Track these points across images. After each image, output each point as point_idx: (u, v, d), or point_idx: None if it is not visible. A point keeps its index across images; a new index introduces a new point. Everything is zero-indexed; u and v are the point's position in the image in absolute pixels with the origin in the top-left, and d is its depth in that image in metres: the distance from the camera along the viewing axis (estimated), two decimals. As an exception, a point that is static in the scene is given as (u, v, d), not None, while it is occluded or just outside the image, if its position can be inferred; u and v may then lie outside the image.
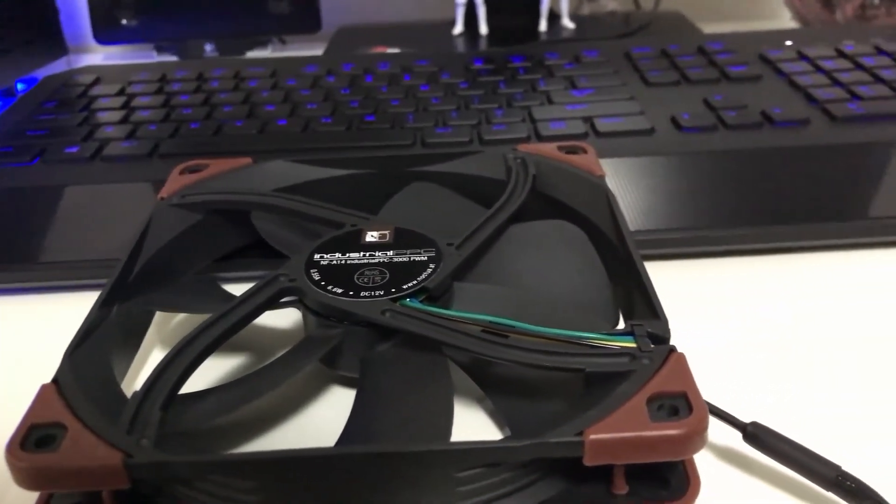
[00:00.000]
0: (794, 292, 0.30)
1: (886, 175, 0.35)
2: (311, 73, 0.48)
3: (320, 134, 0.40)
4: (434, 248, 0.26)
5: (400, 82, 0.46)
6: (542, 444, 0.19)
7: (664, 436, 0.19)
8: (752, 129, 0.38)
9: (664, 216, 0.33)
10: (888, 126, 0.38)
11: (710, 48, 0.48)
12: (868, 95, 0.41)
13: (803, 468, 0.21)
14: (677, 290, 0.30)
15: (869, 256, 0.32)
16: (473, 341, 0.23)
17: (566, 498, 0.21)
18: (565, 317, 0.24)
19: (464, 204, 0.31)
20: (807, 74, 0.44)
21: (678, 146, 0.38)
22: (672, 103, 0.41)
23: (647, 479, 0.21)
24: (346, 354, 0.25)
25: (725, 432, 0.22)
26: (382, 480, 0.20)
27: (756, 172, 0.35)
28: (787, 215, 0.32)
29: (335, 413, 0.25)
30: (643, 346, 0.21)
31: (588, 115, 0.40)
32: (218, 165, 0.32)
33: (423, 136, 0.39)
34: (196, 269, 0.30)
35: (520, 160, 0.31)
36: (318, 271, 0.25)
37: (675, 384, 0.20)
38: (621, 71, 0.46)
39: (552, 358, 0.22)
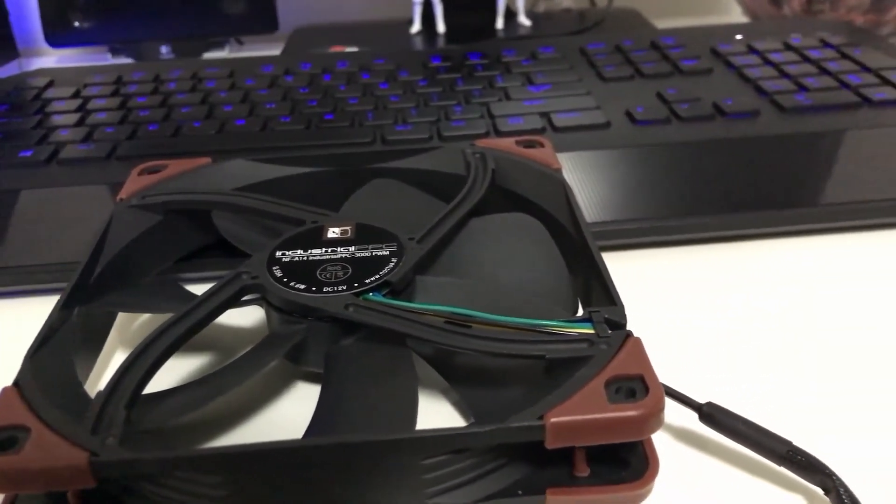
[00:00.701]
0: (747, 278, 0.31)
1: (834, 163, 0.36)
2: (268, 73, 0.48)
3: (279, 133, 0.40)
4: (395, 242, 0.27)
5: (358, 81, 0.46)
6: (504, 429, 0.19)
7: (622, 417, 0.19)
8: (704, 121, 0.39)
9: (621, 207, 0.33)
10: (834, 116, 0.39)
11: (662, 43, 0.49)
12: (815, 87, 0.42)
13: (756, 444, 0.21)
14: (635, 278, 0.31)
15: (818, 242, 0.33)
16: (436, 332, 0.23)
17: (530, 482, 0.21)
18: (525, 306, 0.24)
19: (424, 199, 0.31)
20: (756, 67, 0.45)
21: (633, 139, 0.38)
22: (627, 97, 0.42)
23: (607, 461, 0.21)
24: (310, 350, 0.25)
25: (682, 414, 0.23)
26: (349, 471, 0.20)
27: (709, 163, 0.36)
28: (739, 204, 0.33)
29: (301, 408, 0.25)
30: (601, 332, 0.22)
31: (545, 111, 0.41)
32: (177, 166, 0.32)
33: (383, 133, 0.39)
34: (158, 270, 0.30)
35: (479, 155, 0.32)
36: (281, 268, 0.26)
37: (632, 367, 0.20)
38: (577, 66, 0.47)
39: (513, 346, 0.22)
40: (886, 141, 0.37)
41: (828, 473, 0.20)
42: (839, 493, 0.20)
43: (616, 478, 0.21)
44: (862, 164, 0.35)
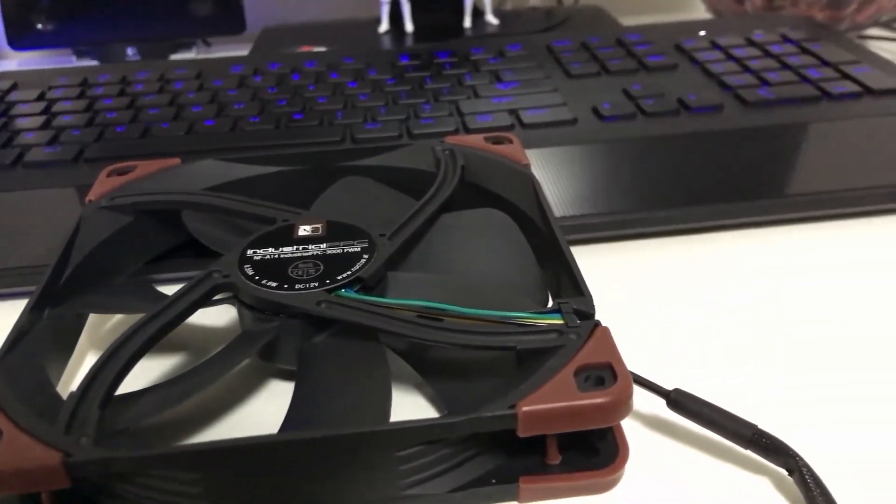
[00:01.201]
0: (713, 269, 0.31)
1: (796, 155, 0.37)
2: (237, 74, 0.48)
3: (249, 133, 0.40)
4: (367, 239, 0.27)
5: (327, 80, 0.46)
6: (477, 419, 0.20)
7: (591, 404, 0.20)
8: (669, 116, 0.40)
9: (589, 202, 0.34)
10: (796, 109, 0.40)
11: (628, 40, 0.50)
12: (776, 81, 0.43)
13: (722, 429, 0.22)
14: (603, 271, 0.31)
15: (783, 232, 0.34)
16: (409, 326, 0.23)
17: (503, 471, 0.21)
18: (496, 299, 0.25)
19: (394, 196, 0.31)
20: (719, 62, 0.46)
21: (600, 135, 0.39)
22: (593, 94, 0.43)
23: (579, 449, 0.22)
24: (283, 347, 0.25)
25: (651, 401, 0.23)
26: (324, 466, 0.20)
27: (675, 157, 0.37)
28: (704, 197, 0.34)
29: (275, 406, 0.25)
30: (570, 322, 0.22)
31: (513, 108, 0.41)
32: (146, 167, 0.32)
33: (353, 132, 0.39)
34: (128, 272, 0.30)
35: (448, 152, 0.32)
36: (252, 266, 0.26)
37: (601, 356, 0.21)
38: (544, 64, 0.47)
39: (484, 338, 0.22)
40: (846, 133, 0.38)
41: (792, 455, 0.21)
42: (802, 474, 0.20)
43: (587, 464, 0.21)
44: (823, 156, 0.36)
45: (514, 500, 0.21)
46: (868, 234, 0.33)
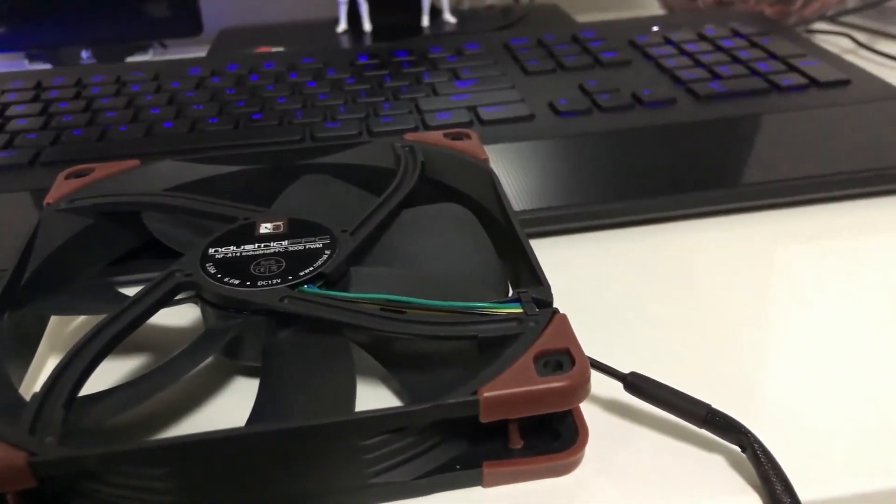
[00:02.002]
0: (667, 258, 0.32)
1: (748, 146, 0.38)
2: (195, 75, 0.47)
3: (208, 134, 0.40)
4: (328, 235, 0.27)
5: (286, 80, 0.46)
6: (440, 406, 0.20)
7: (550, 388, 0.20)
8: (624, 111, 0.41)
9: (547, 195, 0.34)
10: (746, 102, 0.41)
11: (583, 36, 0.51)
12: (727, 74, 0.44)
13: (678, 409, 0.23)
14: (562, 262, 0.32)
15: (735, 221, 0.35)
16: (372, 319, 0.24)
17: (467, 457, 0.22)
18: (458, 291, 0.25)
19: (355, 193, 0.32)
20: (672, 57, 0.47)
21: (557, 130, 0.40)
22: (550, 90, 0.43)
23: (540, 434, 0.22)
24: (247, 344, 0.25)
25: (609, 385, 0.24)
26: (291, 458, 0.21)
27: (630, 150, 0.38)
28: (659, 188, 0.35)
29: (240, 403, 0.25)
30: (529, 311, 0.23)
31: (472, 105, 0.42)
32: (105, 168, 0.32)
33: (312, 131, 0.39)
34: (89, 274, 0.30)
35: (408, 148, 0.32)
36: (214, 264, 0.26)
37: (559, 342, 0.21)
38: (501, 61, 0.48)
39: (447, 328, 0.23)
40: (795, 124, 0.39)
41: (744, 432, 0.21)
42: (754, 450, 0.21)
43: (549, 448, 0.22)
44: (773, 146, 0.37)
45: (478, 485, 0.22)
46: (817, 220, 0.34)
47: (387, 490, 0.21)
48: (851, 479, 0.22)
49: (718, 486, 0.21)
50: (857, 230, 0.34)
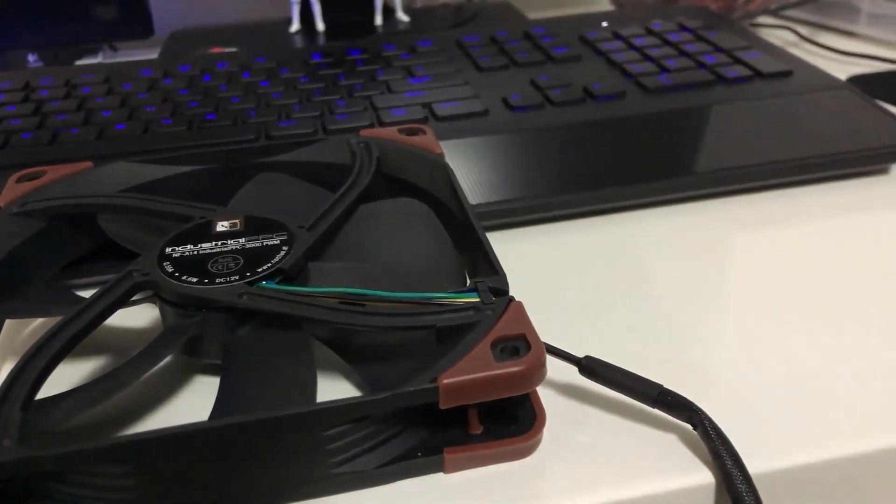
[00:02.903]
0: (620, 246, 0.33)
1: (696, 136, 0.39)
2: (147, 77, 0.47)
3: (161, 135, 0.40)
4: (286, 231, 0.27)
5: (239, 80, 0.46)
6: (400, 394, 0.20)
7: (507, 373, 0.21)
8: (576, 105, 0.42)
9: (502, 189, 0.35)
10: (694, 94, 0.42)
11: (534, 33, 0.51)
12: (675, 68, 0.45)
13: (631, 390, 0.23)
14: (518, 252, 0.33)
15: (684, 209, 0.36)
16: (331, 313, 0.24)
17: (428, 444, 0.22)
18: (416, 283, 0.25)
19: (311, 190, 0.32)
20: (621, 52, 0.48)
21: (511, 125, 0.40)
22: (503, 86, 0.44)
23: (499, 419, 0.23)
24: (207, 341, 0.25)
25: (564, 370, 0.25)
26: (253, 450, 0.21)
27: (582, 143, 0.38)
28: (611, 179, 0.35)
29: (202, 401, 0.25)
30: (486, 300, 0.23)
31: (426, 101, 0.42)
32: (57, 171, 0.31)
33: (267, 130, 0.39)
34: (44, 278, 0.30)
35: (363, 144, 0.33)
36: (171, 264, 0.26)
37: (515, 328, 0.22)
38: (454, 58, 0.48)
39: (405, 319, 0.23)
40: (740, 114, 0.40)
41: (694, 409, 0.22)
42: (705, 426, 0.22)
43: (508, 432, 0.22)
44: (720, 136, 0.38)
45: (440, 471, 0.22)
46: (762, 207, 0.36)
47: (350, 479, 0.22)
48: (797, 451, 0.22)
49: (672, 464, 0.22)
50: (800, 215, 0.35)
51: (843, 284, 0.30)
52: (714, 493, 0.22)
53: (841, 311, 0.28)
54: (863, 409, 0.24)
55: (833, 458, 0.22)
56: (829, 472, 0.23)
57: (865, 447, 0.23)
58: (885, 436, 0.23)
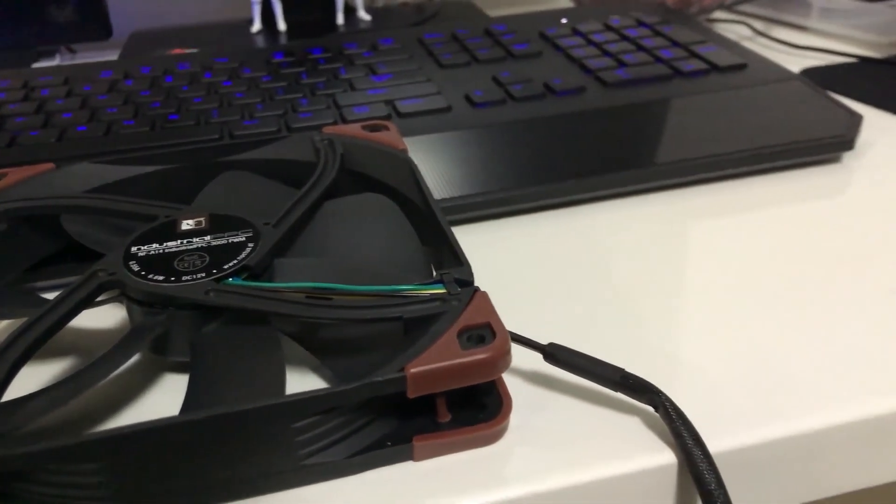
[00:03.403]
0: (582, 237, 0.34)
1: (654, 129, 0.39)
2: (107, 79, 0.47)
3: (124, 136, 0.39)
4: (251, 228, 0.28)
5: (201, 80, 0.46)
6: (369, 385, 0.21)
7: (474, 361, 0.21)
8: (537, 100, 0.42)
9: (466, 183, 0.35)
10: (651, 87, 0.43)
11: (495, 30, 0.52)
12: (633, 62, 0.46)
13: (594, 375, 0.24)
14: (483, 245, 0.33)
15: (644, 200, 0.36)
16: (299, 307, 0.24)
17: (397, 434, 0.23)
18: (382, 276, 0.26)
19: (276, 187, 0.32)
20: (580, 48, 0.48)
21: (474, 120, 0.41)
22: (465, 82, 0.44)
23: (466, 407, 0.23)
24: (174, 339, 0.25)
25: (530, 357, 0.25)
26: (223, 444, 0.21)
27: (544, 138, 0.39)
28: (573, 172, 0.36)
29: (171, 399, 0.25)
30: (451, 290, 0.24)
31: (389, 99, 0.43)
32: (17, 173, 0.31)
33: (231, 129, 0.39)
34: (6, 280, 0.30)
35: (327, 141, 0.33)
36: (137, 262, 0.26)
37: (480, 317, 0.22)
38: (416, 56, 0.49)
39: (372, 311, 0.24)
40: (697, 106, 0.41)
41: (655, 392, 0.23)
42: (666, 408, 0.22)
43: (475, 419, 0.23)
44: (678, 128, 0.39)
45: (409, 459, 0.23)
46: (718, 196, 0.36)
47: (320, 470, 0.22)
48: (754, 429, 0.23)
49: (635, 445, 0.23)
50: (755, 204, 0.36)
51: (797, 270, 0.31)
52: (676, 473, 0.23)
53: (795, 295, 0.29)
54: (816, 388, 0.25)
55: (788, 435, 0.23)
56: (785, 448, 0.23)
57: (819, 424, 0.23)
58: (837, 412, 0.24)
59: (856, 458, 0.25)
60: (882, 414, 0.24)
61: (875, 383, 0.25)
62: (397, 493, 0.22)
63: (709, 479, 0.21)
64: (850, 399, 0.24)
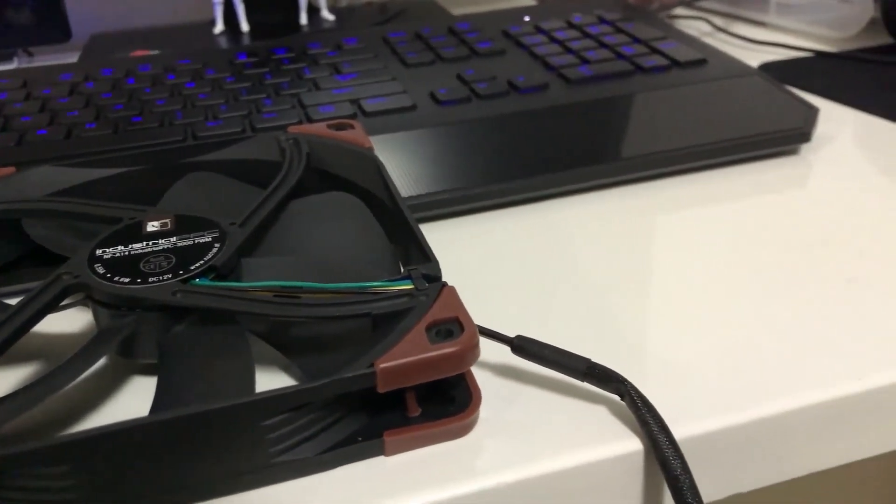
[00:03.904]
0: (547, 231, 0.34)
1: (617, 124, 0.40)
2: (67, 81, 0.46)
3: (85, 139, 0.39)
4: (217, 229, 0.27)
5: (164, 82, 0.45)
6: (339, 381, 0.21)
7: (442, 354, 0.21)
8: (501, 97, 0.43)
9: (433, 181, 0.36)
10: (614, 83, 0.44)
11: (459, 29, 0.52)
12: (595, 59, 0.46)
13: (561, 366, 0.24)
14: (450, 241, 0.33)
15: (608, 194, 0.37)
16: (266, 306, 0.24)
17: (368, 429, 0.23)
18: (349, 274, 0.26)
19: (242, 187, 0.32)
20: (543, 45, 0.49)
21: (439, 118, 0.41)
22: (430, 81, 0.45)
23: (436, 401, 0.23)
24: (142, 341, 0.25)
25: (498, 350, 0.26)
26: (194, 444, 0.21)
27: (509, 134, 0.39)
28: (538, 168, 0.37)
29: (139, 401, 0.25)
30: (419, 286, 0.24)
31: (355, 98, 0.43)
32: (-23, 178, 0.31)
33: (195, 130, 0.39)
34: (-33, 287, 0.29)
35: (292, 141, 0.33)
36: (102, 265, 0.26)
37: (448, 311, 0.23)
38: (381, 55, 0.49)
39: (341, 308, 0.24)
40: (659, 101, 0.42)
41: (621, 380, 0.23)
42: (632, 396, 0.23)
43: (445, 413, 0.23)
44: (641, 123, 0.40)
45: (380, 454, 0.23)
46: (681, 189, 0.37)
47: (291, 467, 0.22)
48: (718, 416, 0.24)
49: (602, 433, 0.23)
50: (717, 196, 0.37)
51: (758, 260, 0.31)
52: (643, 460, 0.23)
53: (756, 284, 0.30)
54: (778, 374, 0.25)
55: (752, 419, 0.24)
56: (748, 432, 0.24)
57: (781, 408, 0.24)
58: (798, 397, 0.24)
59: (817, 441, 0.25)
60: (841, 396, 0.25)
61: (834, 368, 0.25)
62: (369, 489, 0.22)
63: (675, 464, 0.22)
64: (811, 384, 0.25)
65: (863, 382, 0.25)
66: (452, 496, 0.22)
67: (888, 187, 0.37)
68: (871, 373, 0.25)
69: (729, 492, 0.25)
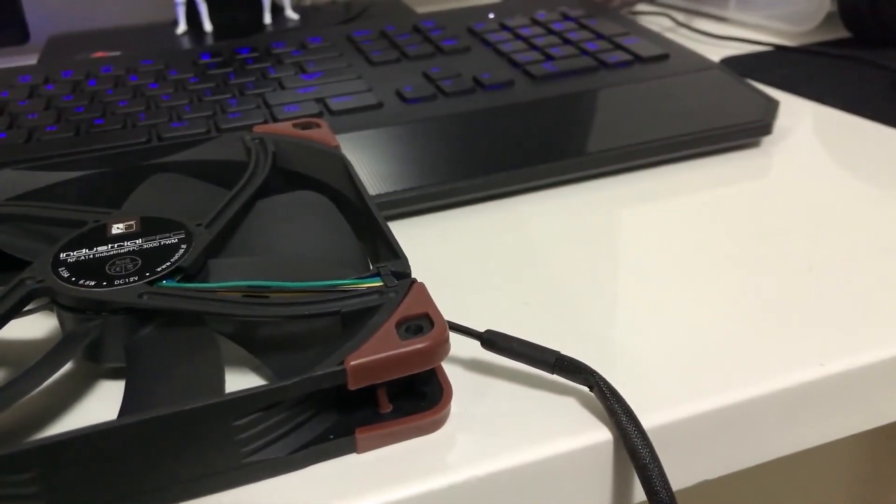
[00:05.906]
0: (515, 227, 0.34)
1: (582, 119, 0.40)
2: (26, 84, 0.45)
3: (47, 143, 0.38)
4: (183, 230, 0.27)
5: (126, 84, 0.45)
6: (309, 379, 0.21)
7: (413, 350, 0.21)
8: (467, 95, 0.43)
9: (401, 178, 0.36)
10: (578, 79, 0.44)
11: (424, 26, 0.52)
12: (559, 55, 0.47)
13: (530, 359, 0.24)
14: (419, 238, 0.33)
15: (575, 189, 0.37)
16: (235, 306, 0.24)
17: (340, 426, 0.23)
18: (318, 272, 0.26)
19: (207, 188, 0.32)
20: (508, 42, 0.49)
21: (405, 116, 0.41)
22: (395, 79, 0.45)
23: (408, 397, 0.23)
24: (108, 345, 0.25)
25: (468, 345, 0.26)
26: (163, 446, 0.21)
27: (475, 131, 0.39)
28: (504, 164, 0.37)
29: (107, 406, 0.25)
30: (388, 283, 0.24)
31: (320, 97, 0.43)
32: (-66, 183, 0.30)
33: (159, 132, 0.39)
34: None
35: (258, 140, 0.33)
36: (67, 268, 0.25)
37: (418, 308, 0.23)
38: (346, 54, 0.49)
39: (310, 307, 0.24)
40: (623, 96, 0.42)
41: (589, 372, 0.24)
42: (600, 387, 0.23)
43: (416, 408, 0.23)
44: (605, 118, 0.40)
45: (353, 452, 0.23)
46: (645, 183, 0.38)
47: (263, 467, 0.22)
48: (685, 404, 0.24)
49: (572, 425, 0.23)
50: (680, 189, 0.37)
51: (721, 251, 0.32)
52: (612, 449, 0.23)
53: (719, 273, 0.30)
54: (742, 362, 0.26)
55: (717, 406, 0.24)
56: (714, 419, 0.24)
57: (746, 395, 0.25)
58: (761, 384, 0.25)
59: (783, 426, 0.26)
60: (804, 382, 0.25)
61: (795, 355, 0.26)
62: (342, 486, 0.22)
63: (643, 453, 0.22)
64: (775, 370, 0.25)
65: (826, 368, 0.25)
66: (425, 491, 0.22)
67: (846, 177, 0.37)
68: (833, 358, 0.26)
69: (698, 478, 0.25)
